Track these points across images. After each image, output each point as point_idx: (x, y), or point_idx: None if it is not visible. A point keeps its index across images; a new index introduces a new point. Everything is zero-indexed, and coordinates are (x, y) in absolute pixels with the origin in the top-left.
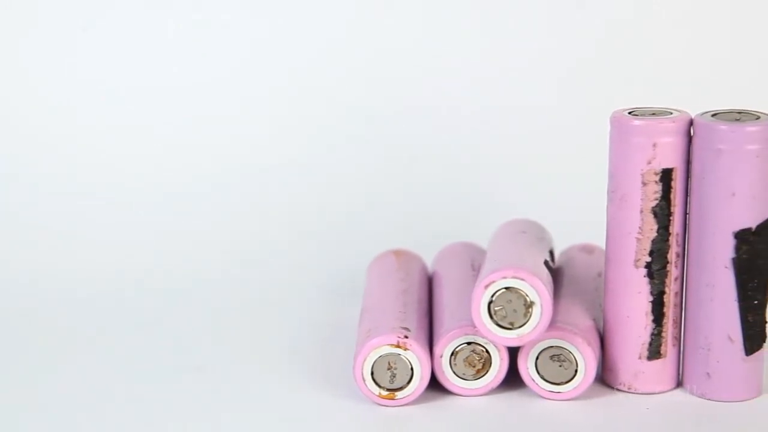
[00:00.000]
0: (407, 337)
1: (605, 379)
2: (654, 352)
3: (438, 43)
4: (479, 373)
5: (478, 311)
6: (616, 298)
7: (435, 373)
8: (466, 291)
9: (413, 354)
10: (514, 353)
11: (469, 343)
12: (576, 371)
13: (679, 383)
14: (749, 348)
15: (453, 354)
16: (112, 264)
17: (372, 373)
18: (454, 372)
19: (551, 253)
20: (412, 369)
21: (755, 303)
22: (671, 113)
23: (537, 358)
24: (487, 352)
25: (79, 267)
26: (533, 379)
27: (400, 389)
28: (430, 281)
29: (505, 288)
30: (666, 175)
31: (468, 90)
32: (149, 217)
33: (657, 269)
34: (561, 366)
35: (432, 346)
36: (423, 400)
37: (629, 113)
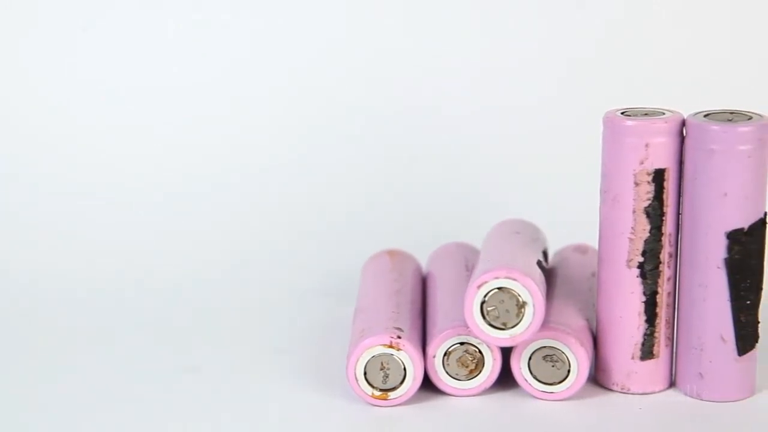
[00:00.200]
0: (400, 338)
1: (598, 380)
2: (647, 352)
3: (429, 44)
4: (472, 374)
5: (470, 311)
6: (608, 298)
7: (428, 374)
8: (459, 291)
9: (406, 354)
10: (507, 353)
11: (462, 344)
12: (569, 371)
13: (672, 383)
14: (742, 348)
15: (446, 354)
16: (112, 264)
17: (365, 374)
18: (447, 372)
19: (545, 254)
20: (405, 369)
21: (747, 303)
22: (664, 113)
23: (530, 358)
24: (480, 352)
25: (79, 267)
26: (526, 380)
27: (393, 389)
28: (424, 281)
29: (498, 288)
30: (658, 176)
31: (462, 91)
32: (149, 217)
33: (649, 269)
34: (554, 366)
35: (425, 346)
36: (416, 400)
37: (622, 113)
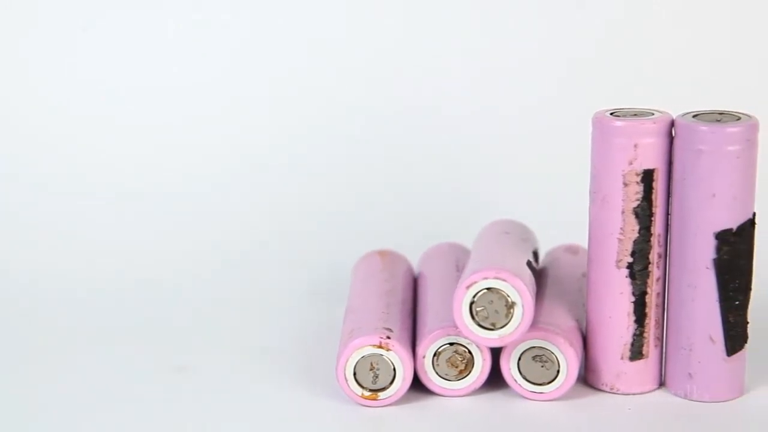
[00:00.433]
0: (390, 338)
1: (588, 380)
2: (636, 352)
3: (422, 44)
4: (462, 374)
5: (459, 312)
6: (598, 298)
7: (418, 374)
8: (449, 291)
9: (396, 354)
10: (496, 354)
11: (452, 344)
12: (558, 371)
13: (662, 384)
14: (731, 348)
15: (435, 354)
16: (112, 264)
17: (354, 374)
18: (436, 372)
19: (535, 254)
20: (394, 369)
21: (736, 303)
22: (653, 114)
23: (519, 358)
24: (470, 352)
25: (79, 267)
26: (515, 380)
27: (382, 390)
28: (416, 281)
29: (487, 288)
30: (647, 176)
31: (453, 92)
32: (149, 217)
33: (639, 270)
34: (543, 366)
35: (415, 346)
36: (406, 400)
37: (611, 114)
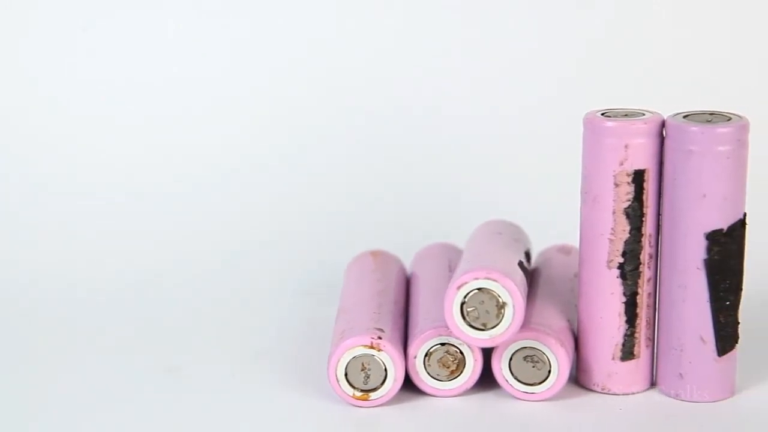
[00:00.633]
0: (381, 338)
1: (579, 380)
2: (627, 352)
3: (422, 44)
4: (453, 374)
5: (450, 312)
6: (589, 299)
7: (409, 374)
8: (441, 292)
9: (387, 355)
10: (488, 354)
11: (443, 344)
12: (549, 372)
13: (653, 384)
14: (721, 348)
15: (427, 355)
16: (112, 264)
17: (346, 374)
18: (428, 373)
19: (527, 255)
20: (385, 370)
21: (727, 304)
22: (643, 114)
23: (510, 358)
24: (461, 353)
25: (79, 267)
26: (507, 380)
27: (374, 390)
28: (408, 282)
29: (478, 289)
30: (638, 177)
31: (445, 92)
32: (149, 217)
33: (630, 270)
34: (534, 367)
35: (406, 346)
36: (397, 401)
37: (602, 114)
